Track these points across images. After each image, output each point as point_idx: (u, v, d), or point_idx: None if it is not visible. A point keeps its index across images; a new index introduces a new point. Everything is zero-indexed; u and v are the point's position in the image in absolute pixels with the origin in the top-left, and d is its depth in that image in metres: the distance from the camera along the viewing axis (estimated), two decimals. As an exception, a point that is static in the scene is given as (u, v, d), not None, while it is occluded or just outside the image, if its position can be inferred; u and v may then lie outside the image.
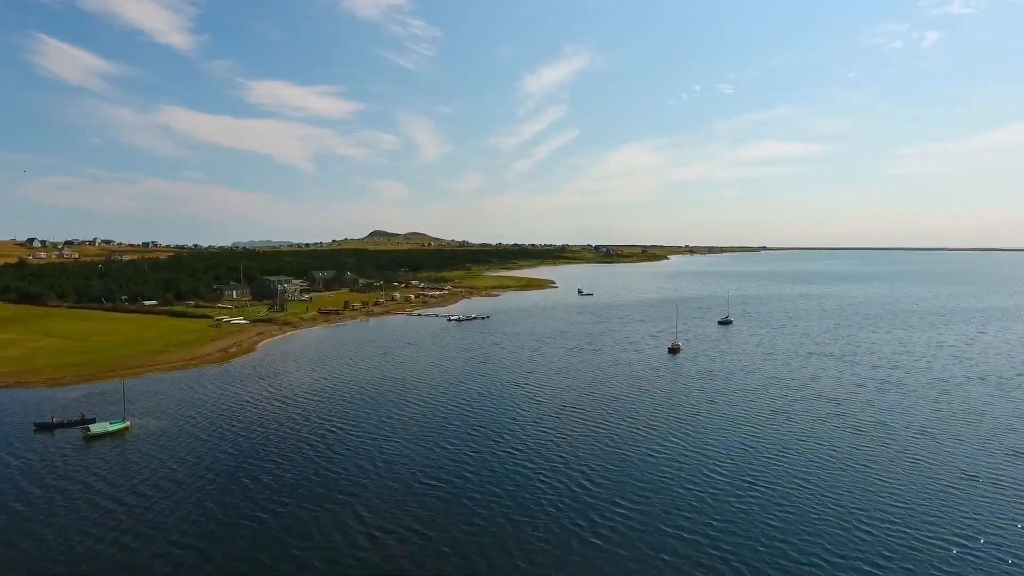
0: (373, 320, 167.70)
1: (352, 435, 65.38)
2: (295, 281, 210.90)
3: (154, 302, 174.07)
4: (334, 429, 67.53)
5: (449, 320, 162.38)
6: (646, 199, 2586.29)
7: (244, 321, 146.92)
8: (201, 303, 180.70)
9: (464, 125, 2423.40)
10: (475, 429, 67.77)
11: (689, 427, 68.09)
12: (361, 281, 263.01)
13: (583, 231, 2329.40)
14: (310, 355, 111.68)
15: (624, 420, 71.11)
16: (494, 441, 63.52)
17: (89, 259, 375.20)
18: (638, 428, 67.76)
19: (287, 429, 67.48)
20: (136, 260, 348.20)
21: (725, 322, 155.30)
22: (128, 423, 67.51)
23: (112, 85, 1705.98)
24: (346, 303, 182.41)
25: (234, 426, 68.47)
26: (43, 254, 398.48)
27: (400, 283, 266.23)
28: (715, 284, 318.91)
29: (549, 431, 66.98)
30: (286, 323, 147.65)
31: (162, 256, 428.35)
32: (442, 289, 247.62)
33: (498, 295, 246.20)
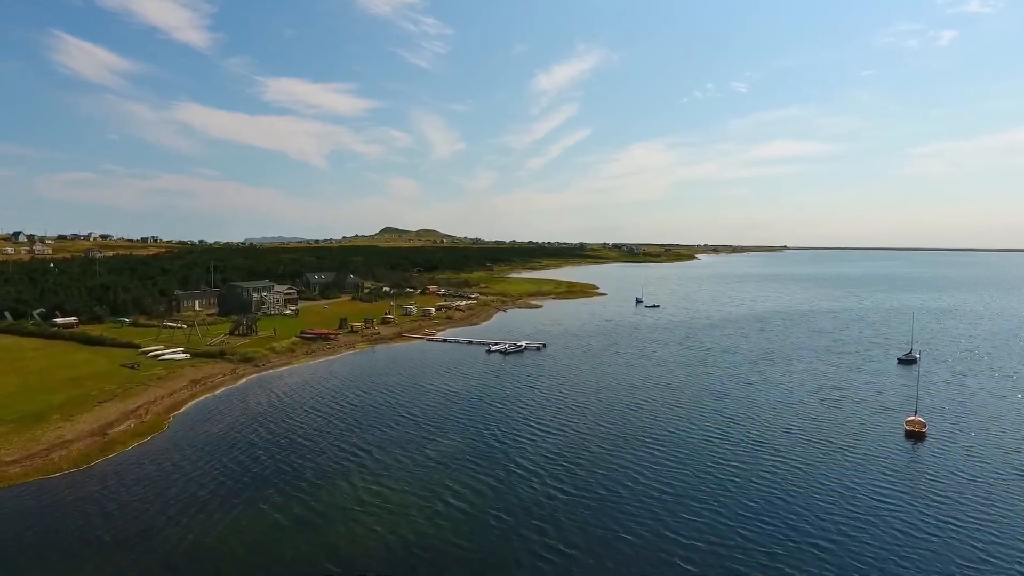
0: (380, 347, 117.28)
1: None
2: (278, 288, 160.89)
3: (74, 319, 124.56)
4: None
5: (490, 351, 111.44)
6: (657, 197, 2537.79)
7: (182, 355, 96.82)
8: (142, 320, 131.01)
9: (477, 123, 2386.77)
10: None
11: None
12: (367, 285, 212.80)
13: (594, 229, 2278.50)
14: (250, 446, 60.93)
15: None
16: None
17: (66, 255, 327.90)
18: None
19: None
20: (110, 257, 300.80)
21: (908, 360, 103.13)
22: None
23: (129, 82, 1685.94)
24: (343, 321, 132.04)
25: None
26: (11, 249, 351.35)
27: (415, 288, 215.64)
28: (790, 292, 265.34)
29: None
30: (245, 359, 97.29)
31: (153, 251, 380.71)
32: (469, 297, 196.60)
33: (539, 305, 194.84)
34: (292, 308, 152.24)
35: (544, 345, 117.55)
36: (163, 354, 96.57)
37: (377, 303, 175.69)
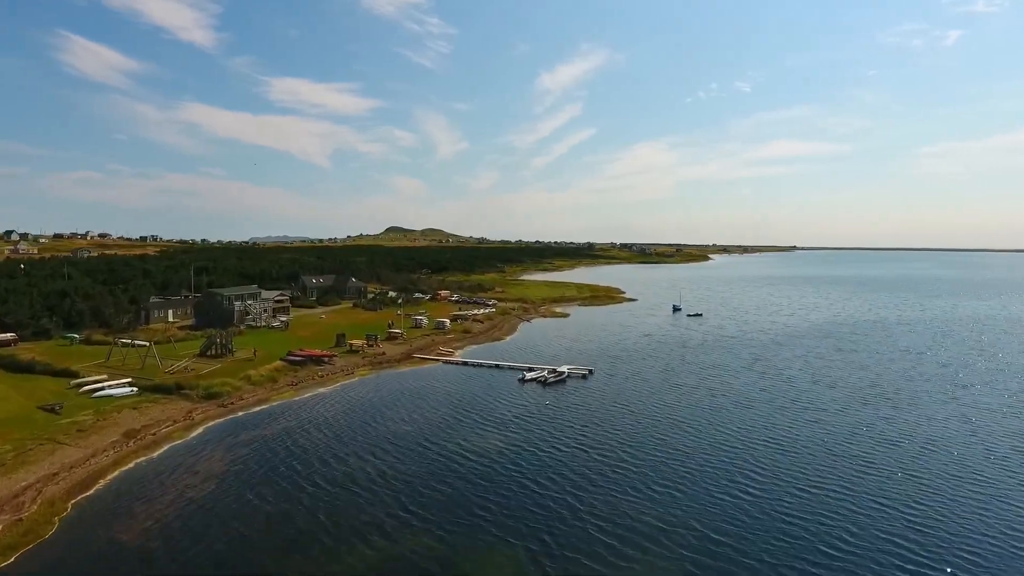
0: (386, 373, 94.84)
1: None
2: (267, 294, 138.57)
3: (11, 336, 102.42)
4: None
5: (523, 380, 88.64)
6: (661, 197, 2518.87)
7: (126, 389, 74.29)
8: (98, 335, 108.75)
9: (480, 122, 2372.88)
10: None
11: None
12: (371, 290, 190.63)
13: (599, 229, 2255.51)
14: (174, 558, 38.19)
15: None
16: None
17: (51, 255, 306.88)
18: None
19: None
20: (94, 257, 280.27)
21: (1064, 401, 79.74)
22: None
23: (136, 82, 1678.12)
24: (339, 338, 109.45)
25: None
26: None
27: (425, 294, 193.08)
28: (835, 297, 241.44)
29: None
30: (209, 395, 74.66)
31: (150, 251, 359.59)
32: (486, 304, 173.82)
33: (565, 314, 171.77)
34: (282, 319, 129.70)
35: (590, 371, 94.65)
36: (102, 388, 74.13)
37: (382, 311, 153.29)
